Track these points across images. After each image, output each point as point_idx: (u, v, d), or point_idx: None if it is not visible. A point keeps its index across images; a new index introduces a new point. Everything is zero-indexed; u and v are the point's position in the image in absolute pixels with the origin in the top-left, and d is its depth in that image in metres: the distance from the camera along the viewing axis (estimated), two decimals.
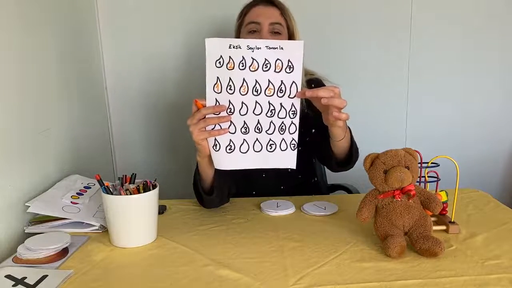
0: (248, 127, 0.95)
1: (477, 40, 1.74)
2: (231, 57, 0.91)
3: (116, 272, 0.84)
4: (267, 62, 0.91)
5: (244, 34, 1.20)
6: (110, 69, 1.66)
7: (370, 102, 1.74)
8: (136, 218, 0.93)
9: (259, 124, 0.95)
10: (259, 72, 0.91)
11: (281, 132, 0.95)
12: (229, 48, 0.91)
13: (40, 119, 1.16)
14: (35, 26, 1.15)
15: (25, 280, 0.79)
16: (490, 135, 1.84)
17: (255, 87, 0.92)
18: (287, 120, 0.94)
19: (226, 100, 0.93)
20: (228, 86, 0.93)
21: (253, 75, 0.92)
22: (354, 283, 0.77)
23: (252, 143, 0.96)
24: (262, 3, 1.19)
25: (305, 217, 1.09)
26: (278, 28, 1.17)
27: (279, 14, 1.18)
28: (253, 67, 0.91)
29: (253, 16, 1.18)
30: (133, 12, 1.62)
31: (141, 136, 1.75)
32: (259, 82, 0.92)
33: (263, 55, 0.91)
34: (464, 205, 1.13)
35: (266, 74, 0.92)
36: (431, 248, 0.84)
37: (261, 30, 1.17)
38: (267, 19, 1.16)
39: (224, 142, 0.96)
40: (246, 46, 0.90)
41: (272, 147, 0.96)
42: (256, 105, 0.93)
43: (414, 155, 0.91)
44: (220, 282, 0.79)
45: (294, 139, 0.96)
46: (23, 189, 1.05)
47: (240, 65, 0.91)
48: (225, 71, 0.92)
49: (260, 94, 0.93)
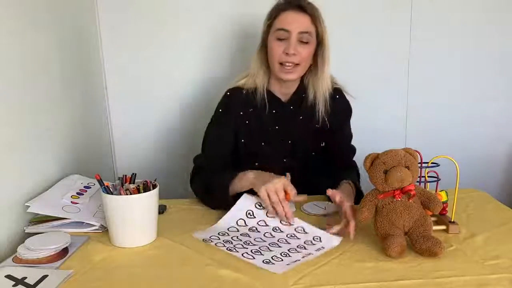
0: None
1: (477, 40, 1.73)
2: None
3: (116, 272, 0.84)
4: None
5: (273, 40, 1.18)
6: (110, 69, 1.66)
7: (370, 102, 1.73)
8: (136, 218, 0.93)
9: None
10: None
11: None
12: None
13: (40, 119, 1.16)
14: (35, 26, 1.15)
15: (25, 280, 0.79)
16: (490, 135, 1.84)
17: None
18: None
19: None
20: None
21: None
22: (354, 283, 0.77)
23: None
24: (293, 8, 1.16)
25: (305, 217, 1.09)
26: (307, 38, 1.16)
27: (309, 21, 1.16)
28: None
29: (283, 22, 1.16)
30: (133, 12, 1.61)
31: (141, 136, 1.75)
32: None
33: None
34: (464, 205, 1.14)
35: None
36: (431, 248, 0.84)
37: (289, 38, 1.15)
38: (296, 27, 1.15)
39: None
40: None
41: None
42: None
43: (414, 155, 0.91)
44: (220, 282, 0.79)
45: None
46: (23, 189, 1.05)
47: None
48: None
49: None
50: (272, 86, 1.27)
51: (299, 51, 1.16)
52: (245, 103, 1.25)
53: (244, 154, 1.29)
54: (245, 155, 1.29)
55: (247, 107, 1.26)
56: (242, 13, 1.63)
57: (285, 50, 1.16)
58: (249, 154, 1.28)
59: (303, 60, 1.18)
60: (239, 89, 1.26)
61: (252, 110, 1.26)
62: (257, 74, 1.24)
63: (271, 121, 1.27)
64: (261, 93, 1.24)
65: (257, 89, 1.24)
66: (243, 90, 1.26)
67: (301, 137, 1.29)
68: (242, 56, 1.65)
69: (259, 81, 1.24)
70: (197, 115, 1.67)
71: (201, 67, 1.68)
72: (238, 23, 1.64)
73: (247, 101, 1.25)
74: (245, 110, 1.26)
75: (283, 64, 1.17)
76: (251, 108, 1.26)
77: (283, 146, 1.29)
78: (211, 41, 1.66)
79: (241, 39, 1.65)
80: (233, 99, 1.26)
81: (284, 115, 1.27)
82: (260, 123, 1.26)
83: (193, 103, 1.70)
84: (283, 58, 1.16)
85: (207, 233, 0.98)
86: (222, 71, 1.67)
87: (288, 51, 1.15)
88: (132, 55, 1.65)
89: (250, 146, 1.28)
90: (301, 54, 1.16)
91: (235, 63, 1.66)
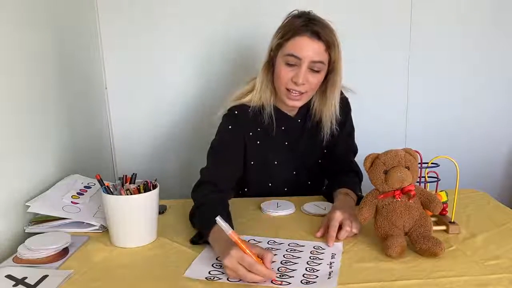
0: None
1: (477, 40, 1.73)
2: None
3: (116, 272, 0.84)
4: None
5: (281, 64, 1.11)
6: (110, 69, 1.66)
7: (370, 102, 1.73)
8: (136, 218, 0.93)
9: None
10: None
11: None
12: None
13: (40, 119, 1.16)
14: (35, 26, 1.15)
15: (25, 280, 0.79)
16: (490, 135, 1.84)
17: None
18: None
19: None
20: None
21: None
22: (354, 283, 0.77)
23: None
24: (308, 34, 1.07)
25: (305, 217, 1.09)
26: (319, 67, 1.09)
27: (324, 49, 1.08)
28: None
29: (296, 48, 1.08)
30: (133, 12, 1.62)
31: (141, 136, 1.75)
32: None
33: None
34: (464, 205, 1.13)
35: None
36: (431, 248, 0.84)
37: (300, 66, 1.08)
38: (309, 56, 1.07)
39: None
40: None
41: None
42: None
43: (414, 155, 0.91)
44: (220, 282, 0.79)
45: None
46: (23, 189, 1.05)
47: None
48: None
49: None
50: (278, 102, 1.21)
51: (309, 80, 1.10)
52: (253, 123, 1.20)
53: (255, 174, 1.25)
54: (256, 176, 1.25)
55: (256, 127, 1.21)
56: (241, 14, 1.63)
57: (293, 78, 1.09)
58: (261, 174, 1.24)
59: (311, 89, 1.13)
60: (245, 106, 1.19)
61: (260, 129, 1.21)
62: (263, 91, 1.18)
63: (281, 138, 1.23)
64: (269, 112, 1.18)
65: (263, 106, 1.18)
66: (248, 108, 1.19)
67: (310, 148, 1.26)
68: (241, 55, 1.65)
69: (266, 98, 1.18)
70: (197, 115, 1.67)
71: (201, 67, 1.68)
72: (238, 22, 1.64)
73: (254, 120, 1.19)
74: (254, 130, 1.21)
75: (290, 91, 1.12)
76: (259, 128, 1.21)
77: (293, 160, 1.26)
78: (211, 41, 1.66)
79: (240, 40, 1.65)
80: (240, 118, 1.19)
81: (293, 129, 1.24)
82: (270, 142, 1.22)
83: (193, 103, 1.70)
84: (290, 85, 1.11)
85: (201, 271, 0.84)
86: (222, 70, 1.67)
87: (297, 80, 1.08)
88: (132, 55, 1.65)
89: (261, 166, 1.24)
90: (310, 83, 1.11)
91: (234, 62, 1.66)
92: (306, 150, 1.26)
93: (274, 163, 1.25)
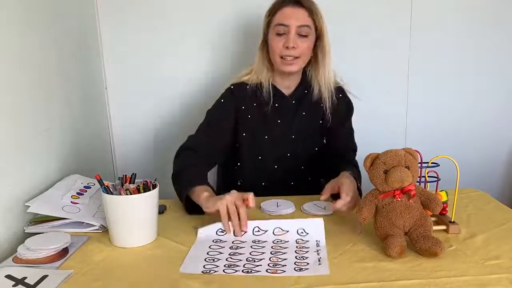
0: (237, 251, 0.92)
1: (477, 40, 1.73)
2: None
3: (116, 272, 0.84)
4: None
5: (272, 35, 1.21)
6: (110, 69, 1.66)
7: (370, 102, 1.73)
8: (136, 218, 0.93)
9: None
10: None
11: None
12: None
13: (40, 119, 1.16)
14: (35, 26, 1.15)
15: (25, 280, 0.79)
16: (490, 135, 1.84)
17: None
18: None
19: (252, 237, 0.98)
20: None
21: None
22: (354, 283, 0.77)
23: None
24: (291, 3, 1.20)
25: (305, 216, 1.09)
26: (306, 31, 1.19)
27: (307, 15, 1.20)
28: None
29: (282, 18, 1.20)
30: (134, 12, 1.62)
31: (141, 136, 1.75)
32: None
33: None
34: (464, 205, 1.14)
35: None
36: (431, 248, 0.84)
37: (288, 32, 1.18)
38: (295, 21, 1.18)
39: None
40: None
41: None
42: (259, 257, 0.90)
43: (414, 155, 0.91)
44: (220, 282, 0.79)
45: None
46: (23, 189, 1.05)
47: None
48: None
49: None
50: (275, 80, 1.29)
51: (299, 45, 1.19)
52: (249, 98, 1.28)
53: (246, 148, 1.30)
54: (247, 150, 1.30)
55: (251, 102, 1.28)
56: (242, 11, 1.63)
57: (285, 44, 1.19)
58: (251, 148, 1.30)
59: (303, 54, 1.21)
60: (243, 84, 1.29)
61: (255, 105, 1.28)
62: (260, 70, 1.27)
63: (274, 114, 1.29)
64: (266, 87, 1.26)
65: (261, 83, 1.27)
66: (247, 85, 1.28)
67: (304, 133, 1.31)
68: (242, 54, 1.65)
69: (263, 76, 1.27)
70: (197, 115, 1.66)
71: (201, 67, 1.68)
72: (238, 22, 1.64)
73: (251, 96, 1.28)
74: (249, 105, 1.28)
75: (284, 58, 1.20)
76: (255, 103, 1.28)
77: (286, 141, 1.31)
78: (211, 40, 1.66)
79: (241, 38, 1.65)
80: (236, 92, 1.28)
81: (287, 109, 1.29)
82: (263, 117, 1.28)
83: (194, 102, 1.70)
84: (283, 52, 1.19)
85: (196, 265, 0.86)
86: (222, 70, 1.67)
87: (288, 44, 1.18)
88: (132, 55, 1.65)
89: (252, 140, 1.29)
90: (301, 47, 1.20)
91: (235, 61, 1.66)
92: (301, 133, 1.31)
93: (264, 137, 1.30)
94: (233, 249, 0.92)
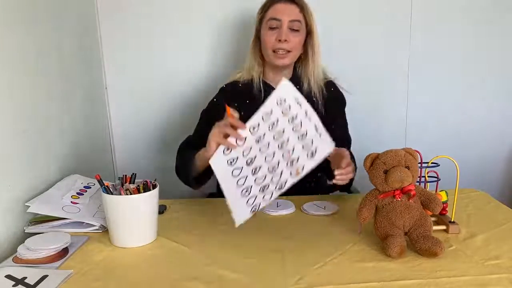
0: (253, 161, 0.95)
1: (477, 40, 1.73)
2: (290, 106, 0.94)
3: (116, 272, 0.84)
4: (304, 135, 0.92)
5: (265, 30, 1.25)
6: (110, 69, 1.66)
7: (370, 102, 1.73)
8: (136, 218, 0.93)
9: (259, 169, 0.94)
10: (294, 137, 0.92)
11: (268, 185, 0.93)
12: (293, 99, 0.93)
13: (41, 119, 1.16)
14: (35, 26, 1.15)
15: (25, 280, 0.79)
16: (490, 135, 1.84)
17: (282, 143, 0.94)
18: (284, 177, 0.92)
19: (262, 132, 0.96)
20: (272, 124, 0.96)
21: (287, 135, 0.93)
22: (354, 283, 0.77)
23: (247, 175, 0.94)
24: (283, 0, 1.24)
25: (305, 217, 1.09)
26: (297, 26, 1.24)
27: (298, 11, 1.24)
28: (295, 128, 0.93)
29: (274, 13, 1.24)
30: (133, 12, 1.62)
31: (141, 136, 1.75)
32: (286, 142, 0.93)
33: (305, 128, 0.92)
34: (464, 205, 1.14)
35: (296, 141, 0.92)
36: (431, 248, 0.84)
37: (281, 26, 1.22)
38: (287, 16, 1.22)
39: (232, 154, 0.97)
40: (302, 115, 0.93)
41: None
42: (273, 155, 0.93)
43: (414, 155, 0.91)
44: (220, 282, 0.79)
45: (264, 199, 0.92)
46: (23, 189, 1.05)
47: (289, 120, 0.94)
48: (279, 111, 0.95)
49: (280, 149, 0.93)
50: (266, 76, 1.32)
51: (291, 39, 1.23)
52: (241, 95, 1.30)
53: None
54: None
55: (244, 98, 1.29)
56: (242, 12, 1.63)
57: (277, 37, 1.22)
58: None
59: (295, 48, 1.25)
60: (236, 82, 1.33)
61: (248, 101, 1.29)
62: (252, 66, 1.31)
63: None
64: (257, 83, 1.30)
65: (252, 79, 1.30)
66: (239, 83, 1.32)
67: None
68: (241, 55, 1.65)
69: (255, 72, 1.30)
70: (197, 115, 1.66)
71: (201, 67, 1.68)
72: (238, 22, 1.64)
73: (243, 93, 1.30)
74: (241, 101, 1.29)
75: (276, 51, 1.23)
76: (247, 100, 1.29)
77: None
78: (211, 41, 1.66)
79: (241, 38, 1.64)
80: (228, 91, 1.32)
81: None
82: (253, 113, 1.29)
83: (193, 103, 1.70)
84: (276, 45, 1.23)
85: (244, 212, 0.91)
86: (222, 70, 1.67)
87: (280, 37, 1.22)
88: (132, 55, 1.65)
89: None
90: (293, 41, 1.23)
91: (235, 62, 1.66)
92: None
93: None
94: (250, 164, 0.94)
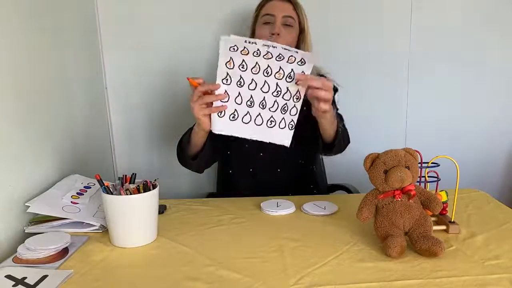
0: (253, 102, 1.04)
1: (477, 40, 1.74)
2: (246, 47, 1.02)
3: (116, 272, 0.84)
4: (281, 55, 1.02)
5: (259, 25, 1.30)
6: (110, 69, 1.66)
7: (370, 102, 1.74)
8: (136, 218, 0.93)
9: (264, 101, 1.04)
10: (273, 60, 1.01)
11: (283, 112, 1.04)
12: (244, 42, 1.02)
13: (41, 119, 1.16)
14: (35, 26, 1.15)
15: (25, 280, 0.79)
16: (490, 135, 1.84)
17: (266, 70, 1.02)
18: (290, 103, 1.03)
19: (237, 76, 1.02)
20: (241, 65, 1.02)
21: (266, 61, 1.02)
22: (354, 283, 0.77)
23: (254, 116, 1.04)
24: None
25: (305, 217, 1.09)
26: (290, 22, 1.28)
27: (292, 8, 1.29)
28: (267, 57, 1.01)
29: (268, 9, 1.30)
30: (133, 12, 1.62)
31: (141, 136, 1.75)
32: (270, 67, 1.02)
33: (278, 51, 1.01)
34: (464, 205, 1.14)
35: (278, 62, 1.01)
36: (431, 248, 0.84)
37: (274, 21, 1.27)
38: (280, 11, 1.27)
39: (229, 110, 1.04)
40: (262, 44, 1.02)
41: (272, 123, 1.05)
42: (265, 84, 1.02)
43: (414, 155, 0.91)
44: (220, 282, 0.79)
45: (293, 120, 1.04)
46: (23, 189, 1.05)
47: (254, 53, 1.02)
48: (239, 54, 1.02)
49: (270, 76, 1.02)
50: None
51: (284, 33, 1.26)
52: None
53: (234, 137, 1.28)
54: (234, 138, 1.26)
55: None
56: (242, 13, 1.63)
57: (271, 31, 1.26)
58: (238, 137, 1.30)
59: (287, 43, 1.24)
60: None
61: None
62: None
63: None
64: None
65: None
66: None
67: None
68: None
69: None
70: None
71: (201, 68, 1.68)
72: (238, 23, 1.64)
73: None
74: None
75: None
76: None
77: None
78: (211, 41, 1.66)
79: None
80: None
81: None
82: None
83: None
84: (270, 39, 1.24)
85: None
86: None
87: (273, 31, 1.25)
88: (132, 55, 1.65)
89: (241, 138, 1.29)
90: (286, 37, 1.26)
91: None
92: None
93: None
94: (253, 105, 1.04)
